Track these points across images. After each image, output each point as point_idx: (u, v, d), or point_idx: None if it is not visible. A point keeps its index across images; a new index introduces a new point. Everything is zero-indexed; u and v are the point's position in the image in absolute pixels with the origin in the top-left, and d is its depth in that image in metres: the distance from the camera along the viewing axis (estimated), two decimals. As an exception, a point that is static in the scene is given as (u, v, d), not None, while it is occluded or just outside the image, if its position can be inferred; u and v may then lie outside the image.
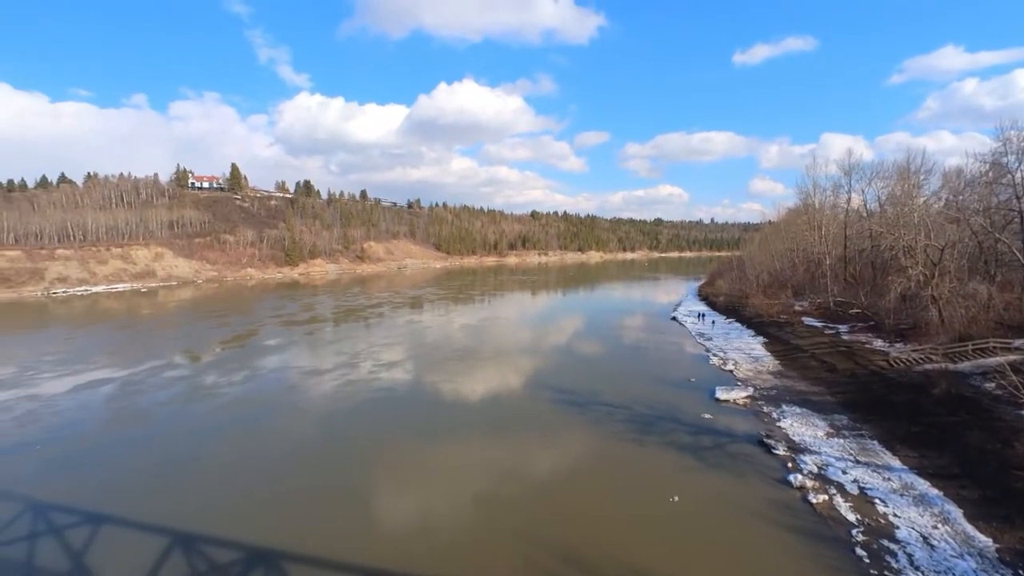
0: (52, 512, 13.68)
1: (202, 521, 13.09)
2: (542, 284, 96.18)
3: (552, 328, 45.54)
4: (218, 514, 13.57)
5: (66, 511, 13.68)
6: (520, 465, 16.67)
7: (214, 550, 11.92)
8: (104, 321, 51.45)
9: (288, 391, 25.17)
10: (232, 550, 11.92)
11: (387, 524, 13.33)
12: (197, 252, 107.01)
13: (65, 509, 13.79)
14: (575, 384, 25.77)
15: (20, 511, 13.77)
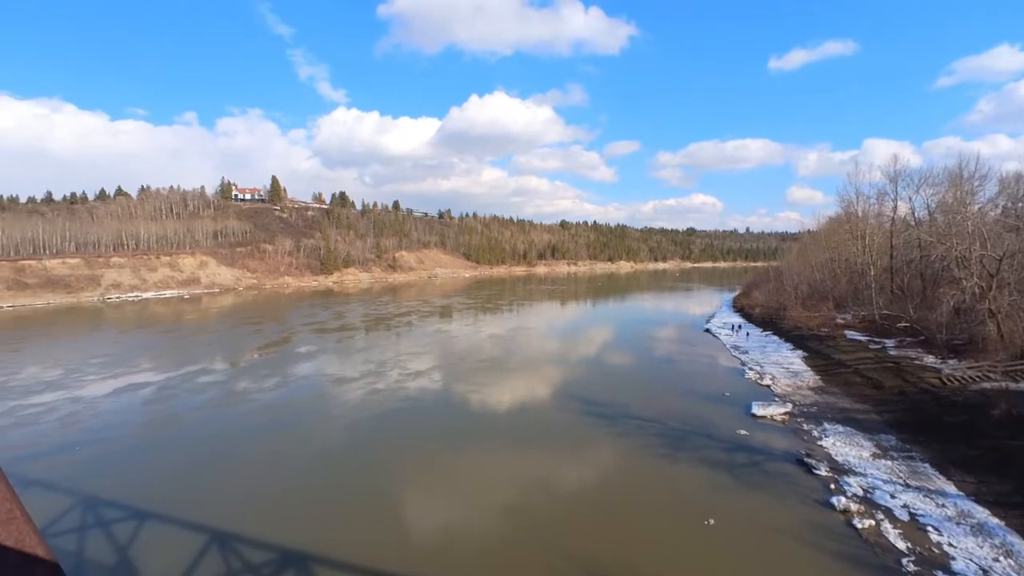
0: (88, 510, 14.36)
1: (232, 521, 13.47)
2: (571, 294, 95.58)
3: (581, 339, 45.07)
4: (248, 515, 13.93)
5: (101, 509, 14.34)
6: (548, 477, 16.45)
7: (245, 548, 12.24)
8: (150, 326, 54.16)
9: (317, 398, 25.70)
10: (262, 549, 12.20)
11: (414, 531, 13.36)
12: (238, 261, 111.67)
13: (100, 506, 14.46)
14: (604, 396, 25.35)
15: (60, 508, 14.50)
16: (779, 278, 61.24)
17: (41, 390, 26.98)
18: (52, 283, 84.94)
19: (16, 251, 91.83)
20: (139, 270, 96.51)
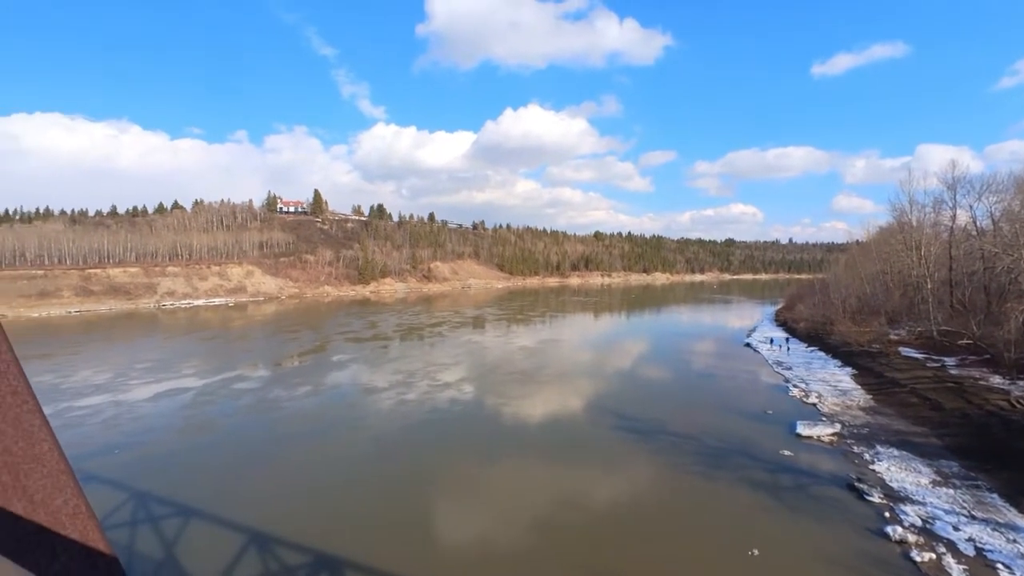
0: (132, 508, 15.04)
1: (268, 522, 13.79)
2: (605, 306, 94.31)
3: (614, 351, 44.26)
4: (282, 518, 14.23)
5: (144, 507, 14.99)
6: (579, 493, 16.08)
7: (281, 550, 12.48)
8: (196, 331, 56.95)
9: (347, 408, 26.04)
10: (297, 552, 12.41)
11: (443, 540, 13.29)
12: (282, 270, 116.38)
13: (143, 505, 15.11)
14: (638, 411, 24.69)
15: (108, 506, 15.25)
16: (825, 291, 58.38)
17: (89, 393, 28.59)
18: (114, 290, 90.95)
19: (84, 260, 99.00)
20: (191, 279, 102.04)
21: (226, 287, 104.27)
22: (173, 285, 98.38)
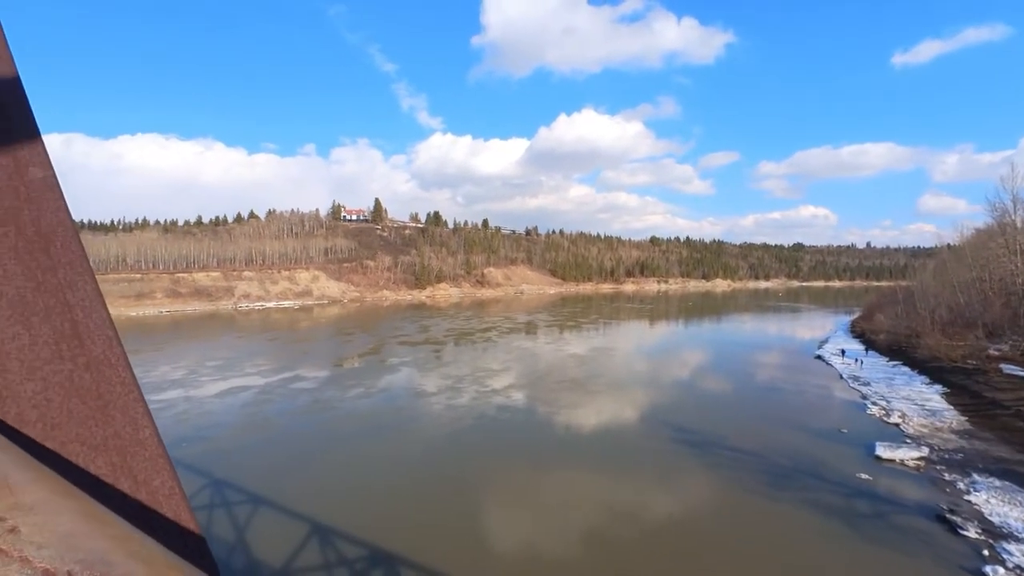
0: (202, 495, 16.26)
1: (321, 516, 14.46)
2: (661, 313, 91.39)
3: (670, 361, 42.74)
4: (334, 513, 14.86)
5: (213, 495, 16.16)
6: (633, 506, 15.63)
7: (339, 542, 13.07)
8: (264, 332, 60.99)
9: (396, 411, 26.67)
10: (353, 545, 12.93)
11: (491, 544, 13.36)
12: (344, 275, 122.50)
13: (212, 494, 16.30)
14: (696, 424, 23.65)
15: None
16: (910, 300, 53.29)
17: (166, 388, 31.19)
18: (198, 293, 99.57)
19: (174, 266, 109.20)
20: (264, 283, 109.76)
21: (294, 291, 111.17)
22: (248, 288, 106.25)
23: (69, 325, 0.96)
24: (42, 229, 1.08)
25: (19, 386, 0.89)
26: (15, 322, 0.92)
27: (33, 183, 1.14)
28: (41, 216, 1.10)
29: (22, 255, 1.01)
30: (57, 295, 0.99)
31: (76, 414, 0.88)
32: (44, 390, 0.88)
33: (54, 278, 1.01)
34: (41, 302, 0.97)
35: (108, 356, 0.96)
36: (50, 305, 0.97)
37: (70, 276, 1.04)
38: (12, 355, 0.88)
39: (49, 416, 0.87)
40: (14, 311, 0.93)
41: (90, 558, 0.25)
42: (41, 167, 1.18)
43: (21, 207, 1.09)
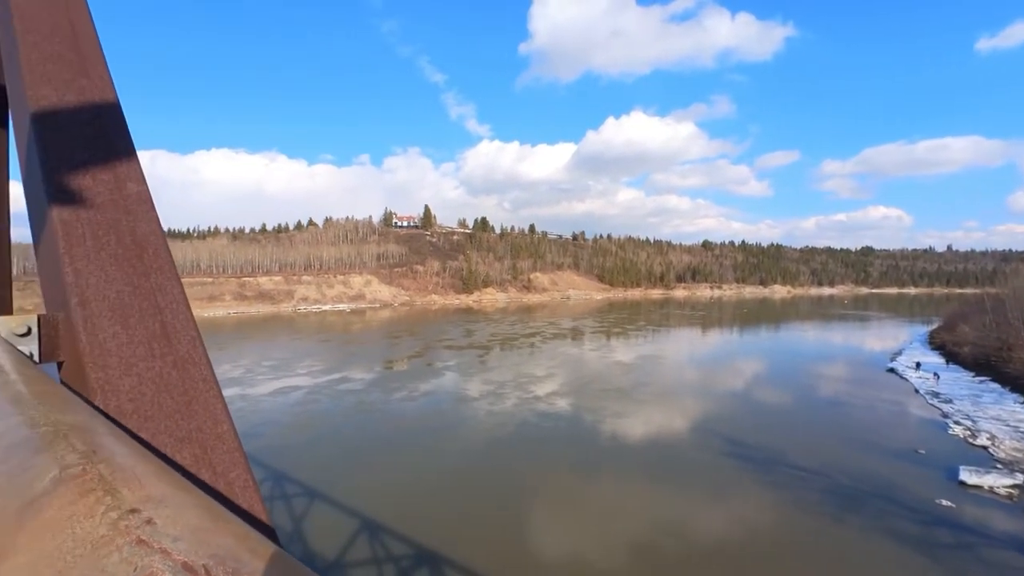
0: (262, 488, 17.14)
1: (368, 513, 14.89)
2: (714, 320, 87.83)
3: (724, 371, 40.92)
4: (380, 512, 15.26)
5: (272, 488, 17.02)
6: (683, 521, 15.05)
7: (387, 539, 13.43)
8: (318, 334, 63.88)
9: (438, 415, 26.97)
10: (400, 543, 13.25)
11: (537, 552, 13.27)
12: (395, 280, 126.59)
13: (272, 487, 17.17)
14: (752, 438, 22.48)
15: (263, 481, 17.56)
16: (1000, 309, 48.22)
17: (225, 385, 31.99)
18: (262, 296, 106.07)
19: (240, 270, 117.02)
20: (321, 286, 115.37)
21: (348, 294, 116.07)
22: (307, 292, 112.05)
23: (159, 326, 1.06)
24: (137, 238, 1.20)
25: (118, 381, 0.95)
26: (115, 322, 1.02)
27: (130, 196, 1.27)
28: (136, 226, 1.22)
29: (121, 262, 1.12)
30: (149, 298, 1.09)
31: (165, 408, 0.95)
32: (139, 385, 0.96)
33: (147, 282, 1.12)
34: (136, 304, 1.07)
35: (192, 355, 1.05)
36: (143, 307, 1.07)
37: (160, 281, 1.14)
38: (113, 352, 0.98)
39: (143, 409, 0.95)
40: (114, 312, 1.04)
41: (220, 553, 0.27)
42: (136, 182, 1.31)
43: (120, 218, 1.21)
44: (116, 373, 0.94)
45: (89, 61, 1.54)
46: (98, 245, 1.11)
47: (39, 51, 1.45)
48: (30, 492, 0.28)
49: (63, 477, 0.29)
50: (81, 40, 1.59)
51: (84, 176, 1.23)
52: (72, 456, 0.31)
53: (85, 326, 0.98)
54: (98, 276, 1.06)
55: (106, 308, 1.02)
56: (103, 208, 1.19)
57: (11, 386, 0.52)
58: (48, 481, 0.29)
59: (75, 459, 0.31)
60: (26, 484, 0.29)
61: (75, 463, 0.30)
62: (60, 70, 1.43)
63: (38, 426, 0.38)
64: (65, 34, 1.57)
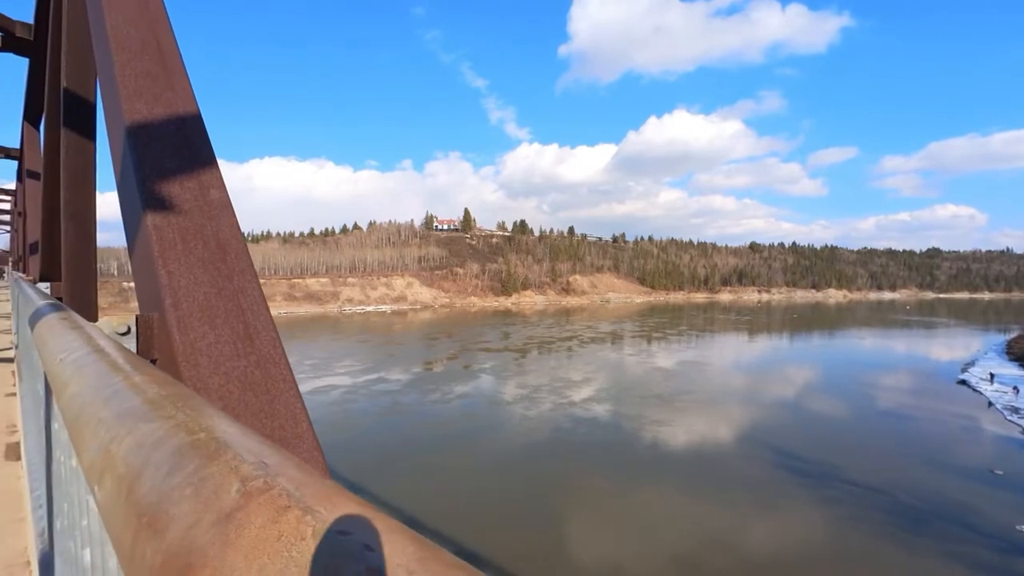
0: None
1: (410, 511, 15.12)
2: (761, 326, 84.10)
3: (772, 379, 39.10)
4: (416, 512, 15.47)
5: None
6: (729, 534, 14.46)
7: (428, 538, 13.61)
8: (359, 334, 65.73)
9: (471, 418, 27.07)
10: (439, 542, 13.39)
11: (578, 561, 13.09)
12: (435, 282, 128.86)
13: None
14: (803, 450, 21.34)
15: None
16: (1092, 318, 43.74)
17: None
18: (310, 296, 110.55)
19: (290, 272, 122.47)
20: (365, 288, 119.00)
21: (391, 296, 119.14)
22: (351, 293, 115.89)
23: (242, 326, 1.11)
24: (220, 242, 1.26)
25: (208, 379, 0.99)
26: (203, 322, 1.08)
27: (213, 202, 1.34)
28: (219, 231, 1.28)
29: (207, 265, 1.18)
30: (233, 299, 1.14)
31: (251, 407, 0.97)
32: (226, 383, 1.00)
33: (230, 284, 1.17)
34: (221, 305, 1.12)
35: (272, 355, 1.09)
36: (228, 308, 1.12)
37: (241, 283, 1.19)
38: (202, 352, 1.03)
39: (231, 408, 0.96)
40: (203, 313, 1.09)
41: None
42: (218, 189, 1.38)
43: (205, 223, 1.27)
44: (206, 371, 0.99)
45: (174, 75, 1.63)
46: (187, 249, 1.18)
47: (131, 68, 1.56)
48: (219, 504, 0.28)
49: (248, 490, 0.28)
50: (166, 56, 1.70)
51: (173, 184, 1.31)
52: (246, 467, 0.31)
53: (178, 326, 1.03)
54: (187, 279, 1.12)
55: (195, 309, 1.07)
56: (190, 214, 1.26)
57: (147, 388, 0.52)
58: (236, 494, 0.28)
59: (251, 470, 0.30)
60: (212, 495, 0.29)
61: (253, 475, 0.30)
62: (150, 85, 1.53)
63: (195, 432, 0.37)
64: (152, 51, 1.68)
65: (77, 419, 0.53)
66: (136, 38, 1.68)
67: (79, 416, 0.53)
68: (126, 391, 0.51)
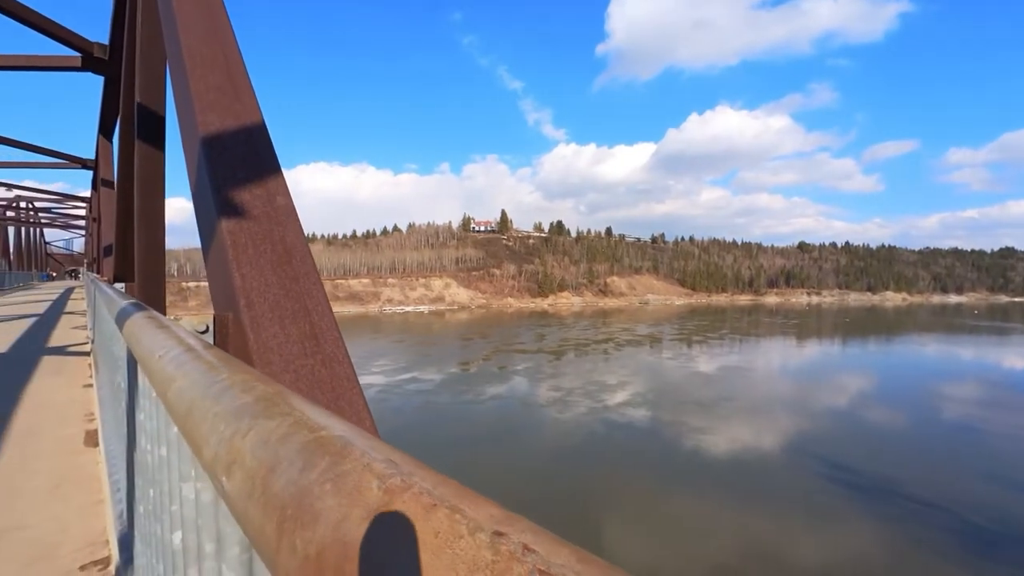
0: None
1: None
2: (810, 330, 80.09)
3: (823, 386, 37.14)
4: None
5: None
6: (775, 548, 13.85)
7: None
8: (398, 334, 67.14)
9: (503, 419, 26.87)
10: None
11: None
12: (472, 283, 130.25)
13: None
14: (857, 463, 20.16)
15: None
16: None
17: None
18: (352, 297, 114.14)
19: (334, 273, 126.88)
20: (404, 289, 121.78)
21: (429, 296, 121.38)
22: (391, 294, 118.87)
23: (309, 326, 1.16)
24: (287, 246, 1.32)
25: (280, 376, 1.05)
26: (274, 322, 1.14)
27: (279, 208, 1.41)
28: (285, 235, 1.35)
29: (276, 268, 1.25)
30: (300, 301, 1.20)
31: (318, 403, 0.97)
32: (296, 381, 1.05)
33: (296, 287, 1.23)
34: (289, 306, 1.18)
35: (337, 354, 1.14)
36: (296, 309, 1.18)
37: (307, 285, 1.25)
38: (274, 350, 1.09)
39: None
40: (274, 313, 1.15)
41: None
42: (283, 195, 1.46)
43: (273, 228, 1.35)
44: (278, 368, 1.05)
45: (240, 88, 1.74)
46: (257, 253, 1.25)
47: (205, 82, 1.67)
48: (365, 500, 0.29)
49: (388, 487, 0.29)
50: (233, 70, 1.80)
51: (244, 192, 1.39)
52: (378, 465, 0.31)
53: (252, 325, 1.10)
54: (259, 281, 1.19)
55: (267, 309, 1.14)
56: (259, 219, 1.33)
57: (254, 385, 0.54)
58: (378, 491, 0.29)
59: (383, 468, 0.31)
60: (354, 490, 0.30)
61: (387, 473, 0.30)
62: (221, 98, 1.64)
63: (316, 430, 0.39)
64: (221, 65, 1.79)
65: (190, 413, 0.57)
66: (208, 55, 1.80)
67: (191, 410, 0.57)
68: (233, 388, 0.54)
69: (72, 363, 7.15)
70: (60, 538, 2.72)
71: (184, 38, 1.79)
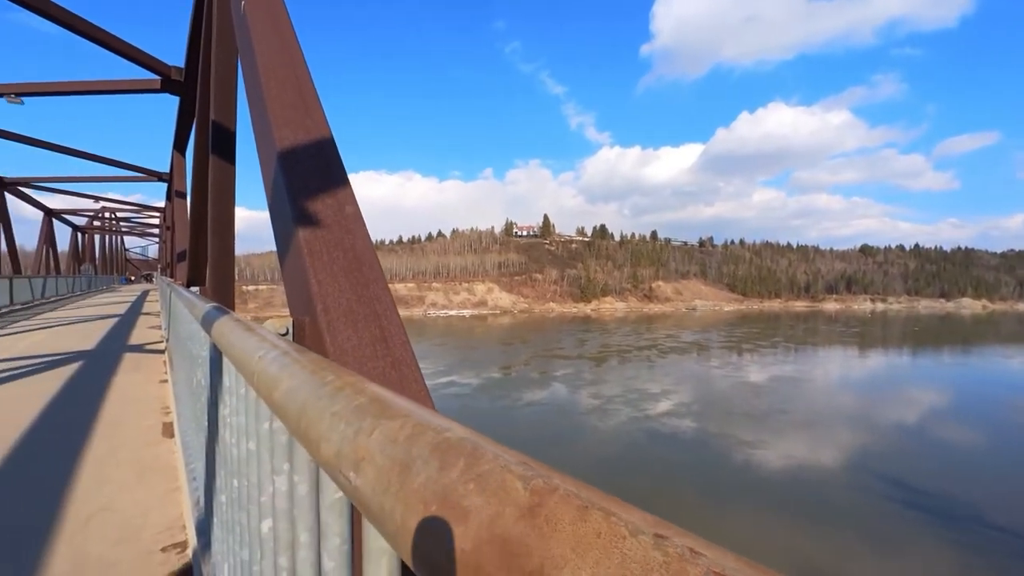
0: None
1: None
2: (875, 339, 74.74)
3: (889, 401, 34.52)
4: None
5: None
6: (834, 571, 12.99)
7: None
8: (440, 337, 68.19)
9: (540, 426, 26.43)
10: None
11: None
12: (515, 288, 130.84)
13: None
14: (930, 484, 18.60)
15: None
16: None
17: None
18: (398, 301, 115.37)
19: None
20: (448, 293, 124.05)
21: (472, 300, 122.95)
22: (435, 298, 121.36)
23: (379, 330, 1.22)
24: (356, 253, 1.40)
25: None
26: (348, 326, 1.20)
27: (349, 217, 1.50)
28: (355, 243, 1.42)
29: (348, 274, 1.32)
30: (370, 305, 1.27)
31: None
32: None
33: (367, 292, 1.30)
34: (361, 310, 1.25)
35: (405, 357, 1.19)
36: (367, 313, 1.24)
37: (376, 291, 1.31)
38: (348, 352, 1.15)
39: None
40: (347, 317, 1.22)
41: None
42: (352, 205, 1.54)
43: (343, 236, 1.42)
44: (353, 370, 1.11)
45: (310, 105, 1.85)
46: (330, 259, 1.33)
47: (279, 100, 1.80)
48: (514, 500, 0.29)
49: (534, 488, 0.29)
50: (303, 87, 1.92)
51: (316, 202, 1.48)
52: (515, 466, 0.32)
53: (328, 329, 1.17)
54: (332, 286, 1.26)
55: (340, 314, 1.21)
56: (331, 228, 1.42)
57: (364, 388, 0.56)
58: (525, 491, 0.29)
59: (521, 469, 0.31)
60: (500, 490, 0.30)
61: (527, 474, 0.31)
62: (294, 114, 1.75)
63: (441, 431, 0.39)
64: (292, 83, 1.92)
65: (304, 411, 0.59)
66: (280, 72, 1.93)
67: (305, 409, 0.59)
68: (342, 389, 0.55)
69: (149, 360, 7.77)
70: (142, 521, 2.96)
71: (261, 59, 1.93)
